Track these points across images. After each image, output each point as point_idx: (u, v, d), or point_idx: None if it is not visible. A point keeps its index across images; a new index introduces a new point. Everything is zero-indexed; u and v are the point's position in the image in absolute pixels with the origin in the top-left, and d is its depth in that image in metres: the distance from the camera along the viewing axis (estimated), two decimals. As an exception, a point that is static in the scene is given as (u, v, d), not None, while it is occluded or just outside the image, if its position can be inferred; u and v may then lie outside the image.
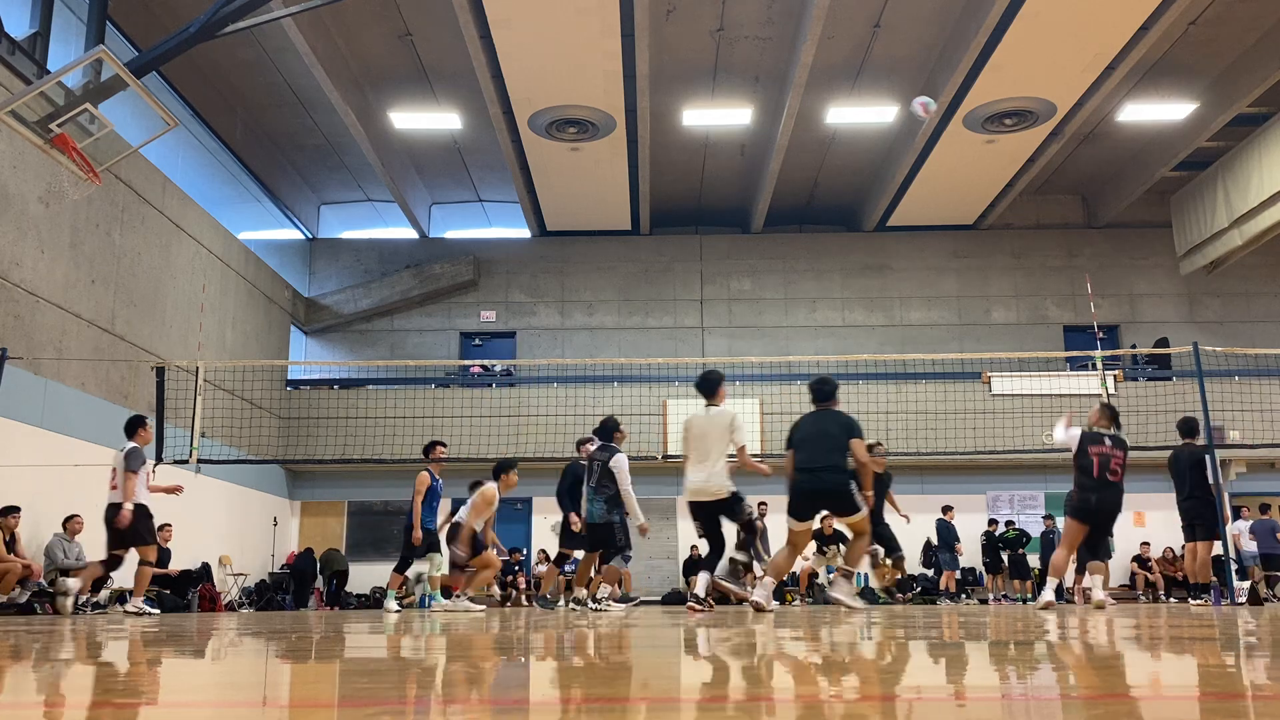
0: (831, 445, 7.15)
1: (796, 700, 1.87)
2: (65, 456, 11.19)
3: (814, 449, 7.17)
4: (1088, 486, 8.34)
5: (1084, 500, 8.39)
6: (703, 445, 7.63)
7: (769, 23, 14.02)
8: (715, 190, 19.47)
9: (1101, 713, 1.62)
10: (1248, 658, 2.79)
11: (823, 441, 7.17)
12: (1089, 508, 8.36)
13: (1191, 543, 10.27)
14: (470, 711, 1.76)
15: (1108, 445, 8.44)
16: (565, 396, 17.28)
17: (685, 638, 4.19)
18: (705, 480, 7.61)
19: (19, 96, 8.47)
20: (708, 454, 7.60)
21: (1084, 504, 8.41)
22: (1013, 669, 2.52)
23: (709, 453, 7.60)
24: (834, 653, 3.11)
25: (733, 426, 7.62)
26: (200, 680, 2.60)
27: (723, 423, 7.65)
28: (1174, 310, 19.93)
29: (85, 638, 4.73)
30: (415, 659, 3.28)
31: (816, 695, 1.95)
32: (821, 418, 7.40)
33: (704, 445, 7.63)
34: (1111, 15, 12.76)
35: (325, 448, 16.65)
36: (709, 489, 7.61)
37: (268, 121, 17.01)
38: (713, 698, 1.93)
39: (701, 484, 7.63)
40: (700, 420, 7.75)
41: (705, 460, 7.60)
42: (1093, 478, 8.30)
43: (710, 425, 7.68)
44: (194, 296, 14.77)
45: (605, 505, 9.07)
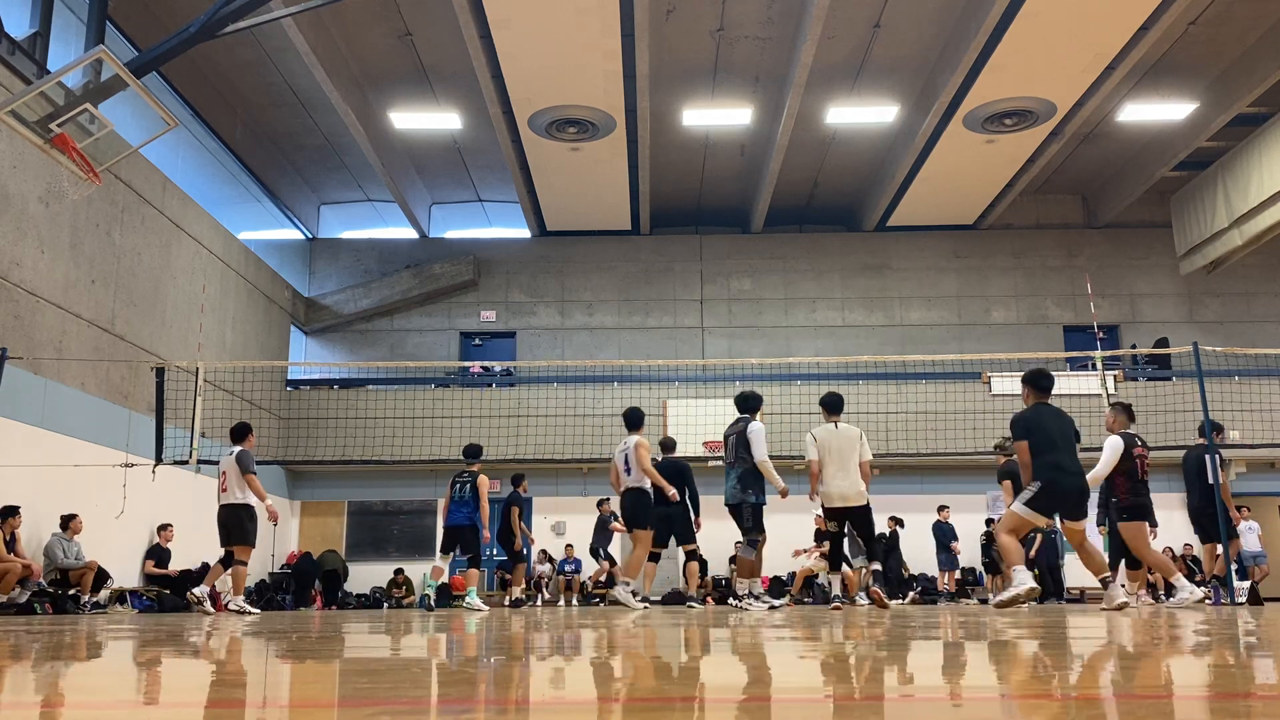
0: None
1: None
2: (65, 456, 11.19)
3: (1065, 450, 7.04)
4: (1141, 491, 8.60)
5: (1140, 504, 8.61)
6: (840, 457, 8.37)
7: (769, 23, 14.02)
8: (715, 190, 19.47)
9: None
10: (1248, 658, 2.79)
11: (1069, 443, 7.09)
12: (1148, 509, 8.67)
13: (1209, 544, 10.27)
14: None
15: (1140, 446, 8.72)
16: (565, 396, 17.28)
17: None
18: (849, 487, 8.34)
19: (19, 96, 8.47)
20: (846, 465, 8.35)
21: (1141, 506, 8.62)
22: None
23: (847, 463, 8.35)
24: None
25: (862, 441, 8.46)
26: (201, 680, 2.60)
27: (854, 436, 8.43)
28: (1174, 310, 19.93)
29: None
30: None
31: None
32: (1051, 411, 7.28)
33: (841, 457, 8.36)
34: (1111, 15, 12.76)
35: (325, 448, 16.65)
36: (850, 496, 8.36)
37: (268, 121, 17.01)
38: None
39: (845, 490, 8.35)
40: (829, 434, 8.46)
41: (845, 470, 8.34)
42: (1140, 480, 8.55)
43: (843, 439, 8.41)
44: (194, 296, 14.77)
45: (739, 483, 8.65)
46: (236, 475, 9.73)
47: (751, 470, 8.58)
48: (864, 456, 8.33)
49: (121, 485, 11.48)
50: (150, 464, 11.72)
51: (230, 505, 9.75)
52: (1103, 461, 8.58)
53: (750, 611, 8.31)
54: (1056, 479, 6.84)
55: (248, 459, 9.81)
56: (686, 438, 16.53)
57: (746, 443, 8.60)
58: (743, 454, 8.62)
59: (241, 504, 9.73)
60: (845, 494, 8.31)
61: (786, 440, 16.11)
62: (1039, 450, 6.90)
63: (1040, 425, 6.98)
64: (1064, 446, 6.91)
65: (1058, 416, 7.09)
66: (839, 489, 8.31)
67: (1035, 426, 6.99)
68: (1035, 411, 7.08)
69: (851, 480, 8.29)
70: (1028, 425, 6.99)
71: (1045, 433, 6.94)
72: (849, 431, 8.41)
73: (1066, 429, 7.02)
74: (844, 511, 8.40)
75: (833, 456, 8.31)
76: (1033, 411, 7.09)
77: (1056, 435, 6.93)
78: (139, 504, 12.15)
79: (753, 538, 8.57)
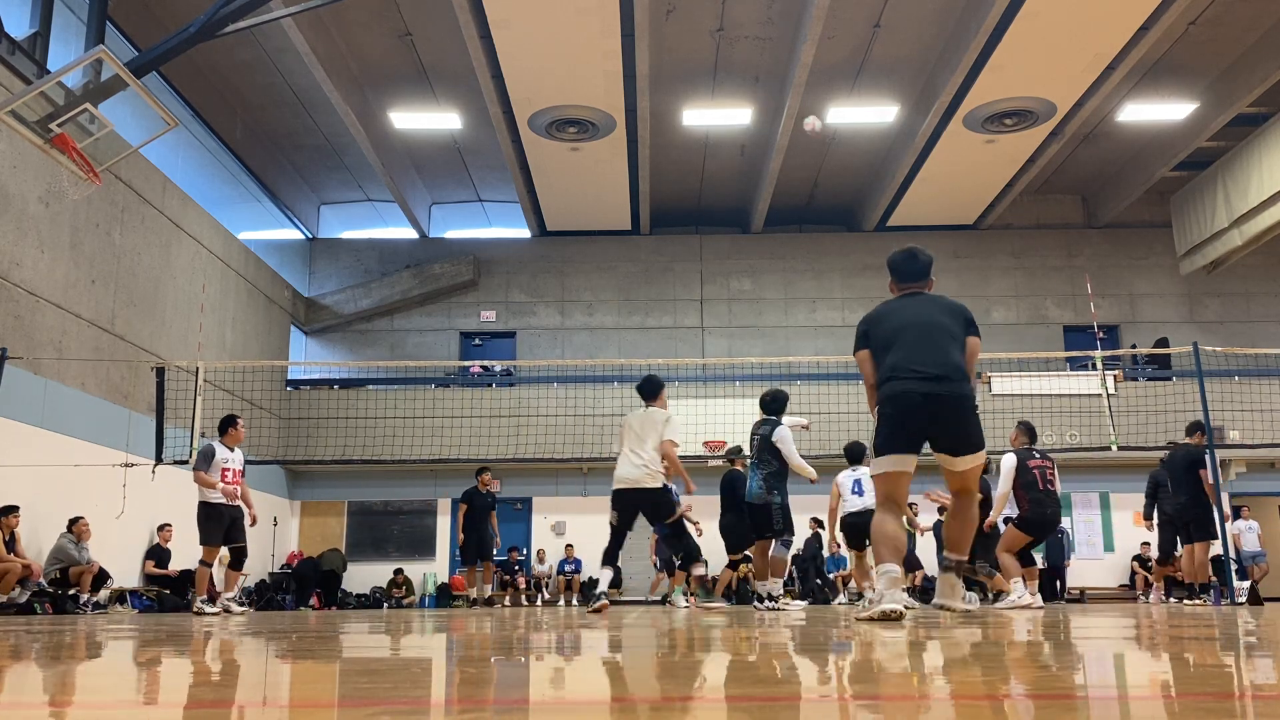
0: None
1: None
2: (65, 456, 11.18)
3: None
4: (1045, 503, 8.72)
5: (1039, 517, 8.72)
6: (637, 438, 7.87)
7: (769, 23, 14.02)
8: (715, 190, 19.47)
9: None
10: (1248, 658, 2.79)
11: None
12: (1043, 520, 8.75)
13: (1189, 544, 10.28)
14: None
15: (1037, 458, 8.91)
16: (565, 396, 17.28)
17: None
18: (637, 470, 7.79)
19: (19, 96, 8.48)
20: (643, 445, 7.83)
21: (1039, 522, 8.75)
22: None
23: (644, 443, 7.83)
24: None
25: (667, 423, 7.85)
26: (202, 679, 2.60)
27: (660, 418, 7.87)
28: (1174, 310, 19.93)
29: (86, 636, 4.73)
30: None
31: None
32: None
33: (639, 438, 7.86)
34: (1111, 15, 12.76)
35: (325, 448, 16.65)
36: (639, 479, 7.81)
37: (268, 121, 17.01)
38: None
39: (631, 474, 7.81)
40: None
41: (637, 450, 7.80)
42: (1043, 490, 8.70)
43: (644, 420, 7.91)
44: (194, 296, 14.78)
45: (764, 483, 8.50)
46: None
47: (776, 472, 8.50)
48: (665, 436, 7.73)
49: (121, 485, 11.49)
50: (150, 464, 11.72)
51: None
52: (1001, 481, 8.89)
53: (790, 610, 8.39)
54: (890, 386, 4.85)
55: (199, 454, 9.56)
56: (686, 438, 16.55)
57: (772, 446, 8.53)
58: (767, 456, 8.55)
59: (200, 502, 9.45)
60: (627, 474, 7.75)
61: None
62: (880, 354, 4.97)
63: (885, 321, 5.05)
64: (918, 341, 4.87)
65: (923, 306, 5.06)
66: (623, 469, 7.79)
67: (875, 324, 5.08)
68: (885, 307, 5.17)
69: (643, 461, 7.69)
70: (867, 325, 5.12)
71: (892, 329, 4.97)
72: (656, 414, 7.87)
73: (931, 322, 4.94)
74: (629, 495, 7.78)
75: (630, 437, 7.84)
76: (882, 308, 5.18)
77: (907, 326, 4.94)
78: (139, 504, 12.15)
79: (786, 538, 8.57)
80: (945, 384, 4.77)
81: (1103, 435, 14.23)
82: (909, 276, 5.17)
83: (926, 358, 4.80)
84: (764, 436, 8.60)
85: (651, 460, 7.71)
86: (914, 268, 5.17)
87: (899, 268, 5.20)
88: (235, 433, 9.65)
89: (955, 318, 5.00)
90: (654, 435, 7.76)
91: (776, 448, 8.49)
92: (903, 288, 5.18)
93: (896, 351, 4.85)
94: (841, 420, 14.62)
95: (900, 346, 4.87)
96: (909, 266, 5.18)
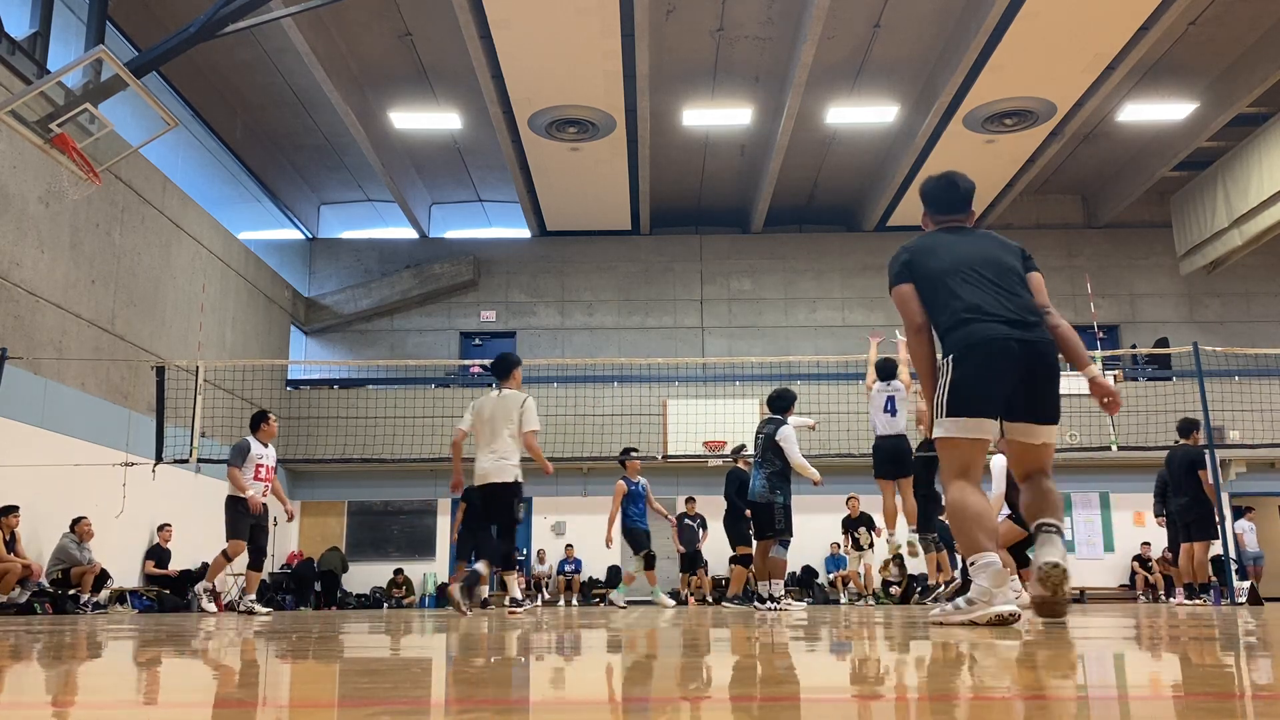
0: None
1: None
2: (65, 456, 11.19)
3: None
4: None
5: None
6: (491, 428, 7.53)
7: (769, 23, 14.03)
8: (715, 190, 19.48)
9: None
10: (1249, 659, 2.79)
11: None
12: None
13: (1188, 543, 10.29)
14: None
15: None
16: (565, 396, 17.28)
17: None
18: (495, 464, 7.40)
19: (19, 96, 8.47)
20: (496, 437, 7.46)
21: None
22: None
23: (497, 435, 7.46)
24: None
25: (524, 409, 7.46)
26: (204, 679, 2.60)
27: (514, 402, 7.51)
28: (1174, 310, 19.93)
29: (87, 636, 4.73)
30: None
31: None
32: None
33: (493, 428, 7.52)
34: (1111, 15, 12.76)
35: (325, 448, 16.65)
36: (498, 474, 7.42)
37: (268, 121, 17.02)
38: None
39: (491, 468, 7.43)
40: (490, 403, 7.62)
41: (493, 442, 7.45)
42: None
43: (498, 406, 7.54)
44: (194, 296, 14.78)
45: (767, 482, 8.41)
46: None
47: (779, 471, 8.44)
48: (526, 426, 7.41)
49: (121, 485, 11.49)
50: (150, 464, 11.73)
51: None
52: (994, 481, 8.69)
53: (791, 611, 8.29)
54: (973, 330, 3.98)
55: (233, 450, 9.68)
56: (686, 437, 16.56)
57: (775, 445, 8.46)
58: (770, 455, 8.49)
59: (229, 495, 9.60)
60: (488, 469, 7.44)
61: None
62: (937, 296, 4.14)
63: (935, 254, 4.23)
64: (987, 280, 4.09)
65: (978, 240, 4.34)
66: (481, 465, 7.48)
67: (921, 254, 4.26)
68: (930, 239, 4.37)
69: (498, 454, 7.38)
70: (910, 254, 4.29)
71: (948, 264, 4.15)
72: (511, 399, 7.52)
73: (995, 259, 4.20)
74: (487, 491, 7.48)
75: (484, 426, 7.49)
76: (926, 239, 4.38)
77: (967, 262, 4.15)
78: (139, 504, 12.16)
79: (785, 538, 8.48)
80: (1035, 330, 3.94)
81: (1103, 435, 14.25)
82: (949, 207, 4.40)
83: (1005, 300, 3.98)
84: (768, 435, 8.55)
85: (507, 453, 7.37)
86: (954, 196, 4.39)
87: (937, 196, 4.42)
88: (268, 428, 9.77)
89: (1014, 254, 4.26)
90: (509, 425, 7.38)
91: (780, 447, 8.43)
92: (941, 220, 4.40)
93: (963, 290, 4.00)
94: (841, 420, 14.62)
95: (966, 284, 4.01)
96: (949, 195, 4.40)
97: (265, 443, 9.75)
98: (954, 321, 4.00)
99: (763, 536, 8.62)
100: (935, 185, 4.45)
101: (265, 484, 9.66)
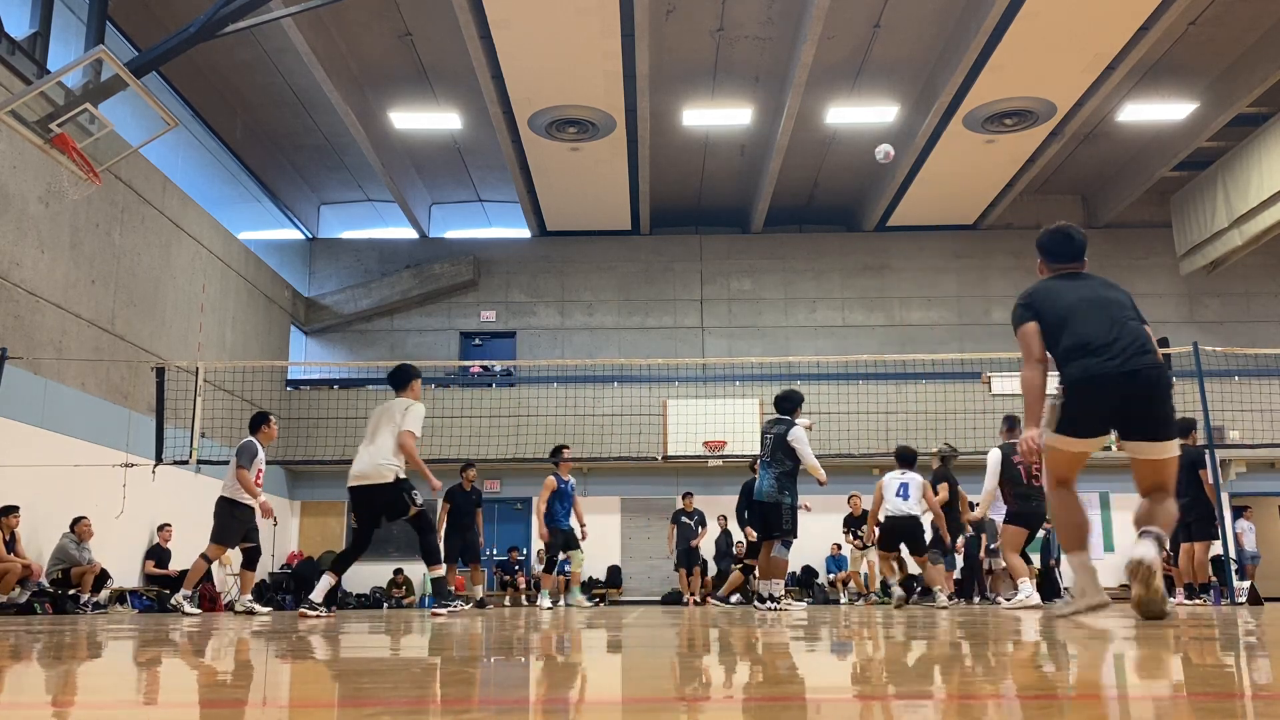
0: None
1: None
2: (65, 456, 11.19)
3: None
4: (1030, 495, 8.65)
5: (1024, 511, 8.70)
6: (372, 428, 7.64)
7: (769, 23, 14.03)
8: (715, 190, 19.48)
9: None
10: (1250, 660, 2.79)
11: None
12: (1030, 512, 8.69)
13: (1188, 543, 10.30)
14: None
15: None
16: (565, 396, 17.28)
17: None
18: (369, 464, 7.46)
19: (19, 96, 8.47)
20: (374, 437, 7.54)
21: (1024, 514, 8.72)
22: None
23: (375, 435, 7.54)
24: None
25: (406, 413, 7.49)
26: (205, 679, 2.60)
27: (399, 406, 7.58)
28: (1174, 310, 19.93)
29: (87, 637, 4.73)
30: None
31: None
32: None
33: (374, 428, 7.63)
34: (1111, 15, 12.76)
35: (325, 448, 16.64)
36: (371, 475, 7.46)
37: (268, 121, 17.01)
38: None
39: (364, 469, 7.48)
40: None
41: (371, 441, 7.52)
42: (1027, 484, 8.73)
43: (384, 409, 7.66)
44: (194, 296, 14.78)
45: (776, 483, 8.49)
46: (231, 467, 9.46)
47: (789, 471, 8.50)
48: (403, 426, 7.42)
49: (121, 485, 11.49)
50: (150, 464, 11.72)
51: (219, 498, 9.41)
52: (987, 477, 8.98)
53: (791, 611, 8.36)
54: (1082, 366, 4.54)
55: (241, 452, 9.45)
56: (686, 438, 16.56)
57: (786, 445, 8.51)
58: (780, 455, 8.53)
59: (224, 497, 9.33)
60: (362, 470, 7.48)
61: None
62: (1059, 333, 4.68)
63: (1053, 297, 4.77)
64: (1100, 318, 4.60)
65: (1093, 284, 4.83)
66: (357, 465, 7.53)
67: (1047, 302, 4.77)
68: (1048, 285, 4.89)
69: (372, 454, 7.43)
70: (1033, 299, 4.82)
71: (1066, 306, 4.71)
72: (396, 405, 7.60)
73: (1106, 299, 4.72)
74: (361, 493, 7.51)
75: (368, 430, 7.65)
76: (1043, 285, 4.90)
77: (1082, 312, 4.65)
78: (139, 504, 12.15)
79: (789, 539, 8.54)
80: (1143, 358, 4.47)
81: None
82: (1064, 257, 4.93)
83: (1116, 334, 4.52)
84: (778, 436, 8.59)
85: (383, 452, 7.39)
86: (1070, 248, 4.92)
87: (1053, 249, 4.95)
88: (269, 430, 9.61)
89: (1122, 293, 4.78)
90: (390, 425, 7.43)
91: (791, 447, 8.48)
92: (1056, 268, 4.92)
93: (1079, 328, 4.57)
94: (841, 420, 14.63)
95: (1082, 323, 4.59)
96: (1065, 248, 4.93)
97: (265, 445, 9.60)
98: (1068, 357, 4.59)
99: (768, 536, 8.65)
100: (1052, 238, 4.99)
101: (260, 488, 9.47)
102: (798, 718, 1.63)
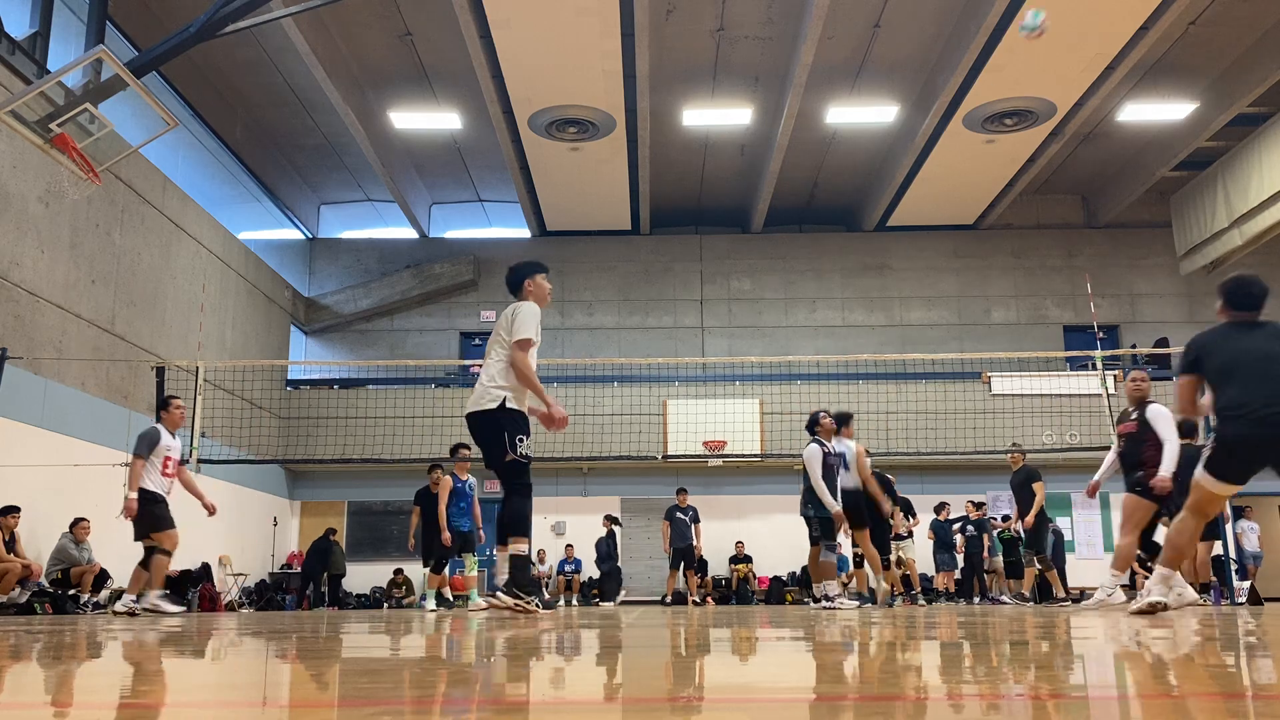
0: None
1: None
2: (65, 456, 11.19)
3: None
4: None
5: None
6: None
7: (769, 23, 14.03)
8: (715, 190, 19.48)
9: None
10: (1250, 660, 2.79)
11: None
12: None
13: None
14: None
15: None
16: (565, 396, 17.27)
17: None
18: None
19: (19, 96, 8.47)
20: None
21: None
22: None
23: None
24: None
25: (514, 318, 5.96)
26: (205, 679, 2.60)
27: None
28: (1174, 310, 19.94)
29: (87, 638, 4.73)
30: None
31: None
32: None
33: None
34: (1111, 15, 12.76)
35: (325, 448, 16.65)
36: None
37: (268, 121, 17.02)
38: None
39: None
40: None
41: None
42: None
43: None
44: (194, 296, 14.78)
45: (802, 497, 9.20)
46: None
47: (809, 488, 9.09)
48: (514, 335, 6.03)
49: (121, 485, 11.48)
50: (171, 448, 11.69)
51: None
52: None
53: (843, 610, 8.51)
54: (1236, 423, 4.92)
55: (140, 439, 8.45)
56: (686, 437, 16.56)
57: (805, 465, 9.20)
58: (803, 472, 9.22)
59: (140, 489, 8.28)
60: (474, 394, 6.15)
61: (786, 439, 16.15)
62: (1219, 385, 5.04)
63: (1222, 351, 5.10)
64: (1263, 375, 4.92)
65: (1265, 338, 5.08)
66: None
67: (1212, 352, 5.13)
68: (1220, 334, 5.23)
69: (483, 375, 6.10)
70: (1200, 351, 5.18)
71: (1231, 358, 5.04)
72: (509, 309, 6.43)
73: (1270, 354, 4.99)
74: (470, 422, 6.05)
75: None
76: (1215, 334, 5.24)
77: (1245, 367, 4.97)
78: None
79: (829, 544, 9.09)
80: None
81: (1103, 435, 14.23)
82: (1242, 306, 5.19)
83: (1272, 391, 4.84)
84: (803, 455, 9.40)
85: (489, 372, 5.92)
86: (1246, 300, 5.19)
87: (1232, 297, 5.25)
88: (170, 415, 8.63)
89: None
90: (499, 338, 6.02)
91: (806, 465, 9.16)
92: (1234, 315, 5.20)
93: (1238, 385, 4.92)
94: (841, 420, 14.58)
95: (1243, 380, 4.93)
96: (1242, 299, 5.20)
97: (173, 431, 8.58)
98: (1223, 415, 4.98)
99: (812, 543, 9.30)
100: (1234, 287, 5.29)
101: (171, 479, 8.49)
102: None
